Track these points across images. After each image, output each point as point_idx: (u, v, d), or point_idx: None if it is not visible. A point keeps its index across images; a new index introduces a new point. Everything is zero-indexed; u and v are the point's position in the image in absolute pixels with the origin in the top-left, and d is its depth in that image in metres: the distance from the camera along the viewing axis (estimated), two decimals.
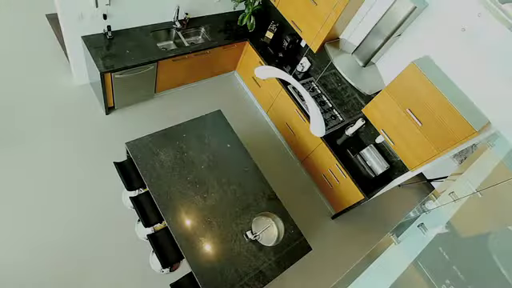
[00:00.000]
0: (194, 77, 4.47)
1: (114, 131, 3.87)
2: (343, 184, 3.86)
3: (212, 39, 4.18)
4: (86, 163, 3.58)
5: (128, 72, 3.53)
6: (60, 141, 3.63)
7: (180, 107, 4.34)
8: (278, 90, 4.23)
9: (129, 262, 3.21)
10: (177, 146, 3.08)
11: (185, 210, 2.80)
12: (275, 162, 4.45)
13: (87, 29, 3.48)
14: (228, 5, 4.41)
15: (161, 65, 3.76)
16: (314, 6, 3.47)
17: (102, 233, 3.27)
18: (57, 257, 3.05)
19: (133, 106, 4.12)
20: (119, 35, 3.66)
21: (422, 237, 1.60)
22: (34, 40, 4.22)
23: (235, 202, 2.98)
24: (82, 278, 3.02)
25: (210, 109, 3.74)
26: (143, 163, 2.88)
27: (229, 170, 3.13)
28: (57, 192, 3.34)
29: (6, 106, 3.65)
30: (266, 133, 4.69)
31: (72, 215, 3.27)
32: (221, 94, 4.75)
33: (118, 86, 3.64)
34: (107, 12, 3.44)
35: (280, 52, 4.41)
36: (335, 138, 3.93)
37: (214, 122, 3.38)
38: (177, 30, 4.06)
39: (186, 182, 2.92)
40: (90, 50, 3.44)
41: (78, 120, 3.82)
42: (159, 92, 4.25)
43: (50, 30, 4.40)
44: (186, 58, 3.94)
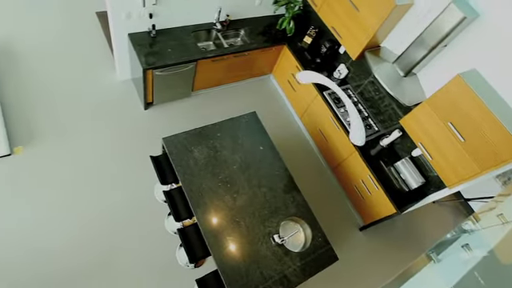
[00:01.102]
0: (231, 78, 4.54)
1: (151, 126, 4.01)
2: (375, 196, 3.76)
3: (251, 41, 4.23)
4: (122, 155, 3.74)
5: (168, 70, 3.65)
6: (101, 132, 3.81)
7: (215, 107, 4.42)
8: (313, 95, 4.20)
9: (156, 254, 3.31)
10: (211, 144, 3.13)
11: (214, 207, 2.84)
12: (305, 168, 4.41)
13: (133, 27, 3.64)
14: (268, 8, 4.44)
15: (200, 64, 3.85)
16: (357, 13, 3.43)
17: (133, 223, 3.40)
18: (89, 244, 3.20)
19: (170, 102, 4.25)
20: (162, 34, 3.79)
21: (465, 258, 1.52)
22: (83, 35, 4.47)
23: (264, 205, 2.99)
24: (110, 265, 3.15)
25: (244, 110, 3.78)
26: (178, 159, 2.95)
27: (260, 171, 3.15)
28: (94, 180, 3.51)
29: (54, 97, 3.89)
30: (298, 137, 4.66)
31: (106, 204, 3.42)
32: (255, 96, 4.79)
33: (158, 83, 3.76)
34: (153, 11, 3.58)
35: (317, 57, 4.38)
36: (369, 148, 3.84)
37: (249, 124, 3.41)
38: (217, 31, 4.14)
39: (217, 180, 2.96)
40: (135, 47, 3.59)
41: (118, 114, 3.99)
42: (196, 91, 4.35)
43: (99, 26, 4.64)
44: (224, 58, 4.01)
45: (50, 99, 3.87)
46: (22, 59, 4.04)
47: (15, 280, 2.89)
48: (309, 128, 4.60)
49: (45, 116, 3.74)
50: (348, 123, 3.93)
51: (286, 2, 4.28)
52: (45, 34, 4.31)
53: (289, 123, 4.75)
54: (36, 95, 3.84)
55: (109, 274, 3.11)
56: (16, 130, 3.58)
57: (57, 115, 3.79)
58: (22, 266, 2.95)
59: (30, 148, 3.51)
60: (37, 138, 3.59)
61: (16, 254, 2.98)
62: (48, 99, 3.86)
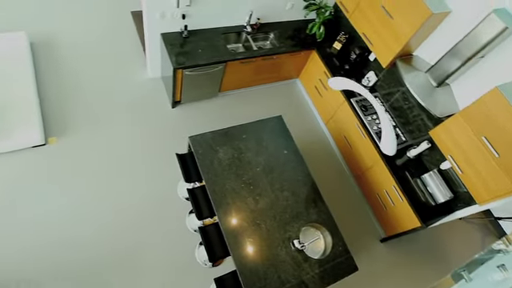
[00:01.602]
0: (258, 80, 4.56)
1: (178, 124, 4.10)
2: (399, 207, 3.66)
3: (280, 45, 4.24)
4: (149, 150, 3.84)
5: (198, 70, 3.72)
6: (130, 127, 3.93)
7: (241, 108, 4.46)
8: (340, 101, 4.15)
9: (176, 250, 3.36)
10: (236, 145, 3.16)
11: (236, 208, 2.86)
12: (328, 174, 4.36)
13: (166, 27, 3.73)
14: (299, 13, 4.44)
15: (229, 66, 3.90)
16: (390, 20, 3.37)
17: (156, 217, 3.47)
18: (114, 234, 3.29)
19: (197, 102, 4.33)
20: (193, 35, 3.86)
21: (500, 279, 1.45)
22: (118, 34, 4.63)
23: (286, 209, 2.98)
24: (133, 256, 3.23)
25: (269, 113, 3.79)
26: (203, 158, 3.00)
27: (283, 175, 3.14)
28: (121, 173, 3.63)
29: (88, 91, 4.05)
30: (322, 143, 4.62)
31: (131, 196, 3.52)
32: (281, 100, 4.79)
33: (187, 83, 3.84)
34: (186, 12, 3.66)
35: (346, 64, 4.33)
36: (395, 158, 3.75)
37: (274, 127, 3.41)
38: (247, 33, 4.18)
39: (240, 181, 2.98)
40: (167, 47, 3.68)
41: (147, 110, 4.10)
42: (223, 92, 4.40)
43: (133, 25, 4.79)
44: (253, 61, 4.04)
45: (84, 93, 4.03)
46: (62, 54, 4.23)
47: (45, 265, 3.01)
48: (333, 134, 4.55)
49: (78, 109, 3.90)
50: (375, 131, 3.86)
51: (317, 7, 4.26)
52: (83, 31, 4.50)
53: (313, 128, 4.72)
54: (71, 89, 4.01)
55: (130, 265, 3.19)
56: (51, 121, 3.75)
57: (89, 108, 3.94)
58: (51, 253, 3.08)
59: (63, 139, 3.67)
60: (70, 129, 3.75)
61: (47, 241, 3.12)
62: (82, 93, 4.02)
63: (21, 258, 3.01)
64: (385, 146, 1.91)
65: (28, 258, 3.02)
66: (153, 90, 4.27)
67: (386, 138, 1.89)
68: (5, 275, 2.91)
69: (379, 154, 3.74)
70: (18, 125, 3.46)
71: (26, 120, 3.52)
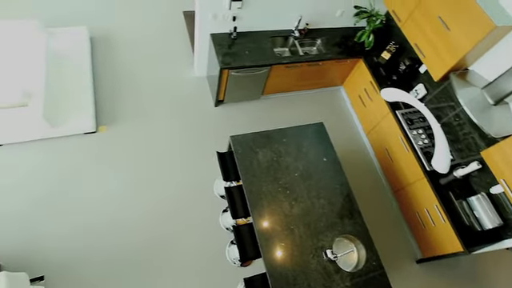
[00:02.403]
0: (301, 86, 4.55)
1: (220, 123, 4.19)
2: (440, 228, 3.48)
3: (326, 51, 4.20)
4: (190, 145, 3.96)
5: (243, 71, 3.78)
6: (174, 122, 4.08)
7: (282, 112, 4.47)
8: (384, 113, 4.03)
9: (207, 245, 3.43)
10: (275, 148, 3.17)
11: (271, 211, 2.86)
12: (365, 185, 4.24)
13: (216, 27, 3.83)
14: (349, 20, 4.38)
15: (274, 69, 3.93)
16: (447, 32, 3.22)
17: (191, 211, 3.57)
18: (150, 223, 3.43)
19: (239, 103, 4.40)
20: (242, 37, 3.93)
21: None
22: (169, 32, 4.83)
23: (321, 217, 2.94)
24: (167, 246, 3.35)
25: (310, 119, 3.77)
26: (242, 158, 3.04)
27: (320, 183, 3.10)
28: (163, 164, 3.78)
29: (137, 84, 4.26)
30: (362, 153, 4.51)
31: (170, 187, 3.66)
32: (323, 106, 4.74)
33: (232, 83, 3.91)
34: (237, 14, 3.74)
35: (394, 75, 4.19)
36: (439, 177, 3.57)
37: (316, 134, 3.38)
38: (294, 38, 4.18)
39: (277, 185, 2.98)
40: (215, 47, 3.77)
41: (191, 107, 4.24)
42: (265, 94, 4.43)
43: (184, 24, 4.97)
44: (298, 66, 4.04)
45: (134, 86, 4.24)
46: (117, 49, 4.50)
47: (89, 244, 3.21)
48: (374, 145, 4.42)
49: (127, 101, 4.11)
50: (419, 147, 3.70)
51: (368, 15, 4.18)
52: (138, 28, 4.75)
53: (353, 137, 4.62)
54: (123, 82, 4.25)
55: (164, 254, 3.31)
56: (102, 110, 3.99)
57: (138, 101, 4.14)
58: (95, 232, 3.27)
59: (112, 128, 3.89)
60: (118, 119, 3.96)
61: (92, 220, 3.33)
62: (132, 86, 4.24)
63: (70, 233, 3.23)
64: (437, 162, 1.82)
65: (75, 234, 3.23)
66: (198, 88, 4.40)
67: (440, 154, 1.80)
68: (51, 250, 3.14)
69: (423, 170, 3.58)
70: (73, 112, 3.71)
71: (81, 108, 3.76)
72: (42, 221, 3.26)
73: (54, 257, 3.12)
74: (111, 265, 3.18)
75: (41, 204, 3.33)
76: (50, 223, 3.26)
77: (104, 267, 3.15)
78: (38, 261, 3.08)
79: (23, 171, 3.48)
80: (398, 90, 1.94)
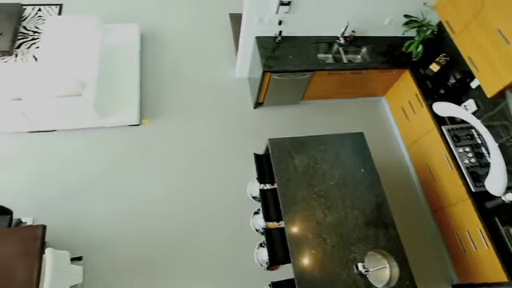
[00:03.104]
0: (342, 93, 4.48)
1: (258, 125, 4.24)
2: (481, 254, 3.27)
3: (371, 60, 4.11)
4: (226, 144, 4.04)
5: (286, 75, 3.79)
6: (213, 120, 4.19)
7: (321, 119, 4.43)
8: (429, 127, 3.86)
9: (235, 244, 3.47)
10: (312, 155, 3.14)
11: (304, 218, 2.84)
12: (402, 200, 4.09)
13: (262, 31, 3.87)
14: (397, 29, 4.25)
15: (316, 75, 3.90)
16: (506, 46, 3.03)
17: (223, 209, 3.63)
18: (182, 215, 3.53)
19: (278, 106, 4.41)
20: (286, 41, 3.94)
21: None
22: (215, 32, 4.96)
23: (354, 228, 2.87)
24: (197, 238, 3.44)
25: (348, 128, 3.69)
26: (279, 162, 3.04)
27: (356, 194, 3.03)
28: (199, 160, 3.90)
29: (181, 81, 4.41)
30: (400, 167, 4.35)
31: (204, 183, 3.77)
32: (362, 116, 4.63)
33: (273, 86, 3.94)
34: (283, 19, 3.76)
35: (442, 88, 4.00)
36: (485, 199, 3.35)
37: (355, 143, 3.31)
38: (339, 45, 4.13)
39: (312, 192, 2.95)
40: (259, 50, 3.81)
41: (231, 107, 4.32)
42: (305, 100, 4.41)
43: (229, 26, 5.07)
44: (341, 73, 3.98)
45: (178, 83, 4.40)
46: (164, 46, 4.69)
47: (124, 229, 3.37)
48: (414, 160, 4.24)
49: (170, 97, 4.28)
50: (465, 166, 3.50)
51: (419, 24, 4.04)
52: (185, 27, 4.93)
53: (392, 150, 4.47)
54: (168, 78, 4.42)
55: (192, 247, 3.40)
56: (146, 104, 4.17)
57: (180, 98, 4.29)
58: (130, 218, 3.43)
59: (154, 122, 4.06)
60: (161, 114, 4.13)
61: (128, 206, 3.51)
62: (176, 83, 4.39)
63: (107, 217, 3.40)
64: (492, 183, 1.72)
65: (112, 219, 3.40)
66: (238, 89, 4.47)
67: (496, 175, 1.70)
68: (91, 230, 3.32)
69: (467, 190, 3.38)
70: (120, 104, 3.91)
71: (128, 101, 3.96)
72: (83, 203, 3.47)
73: (92, 239, 3.30)
74: (143, 250, 3.32)
75: (83, 187, 3.55)
76: (90, 206, 3.46)
77: (136, 252, 3.30)
78: (78, 241, 3.28)
79: (70, 156, 3.72)
80: (452, 105, 1.86)
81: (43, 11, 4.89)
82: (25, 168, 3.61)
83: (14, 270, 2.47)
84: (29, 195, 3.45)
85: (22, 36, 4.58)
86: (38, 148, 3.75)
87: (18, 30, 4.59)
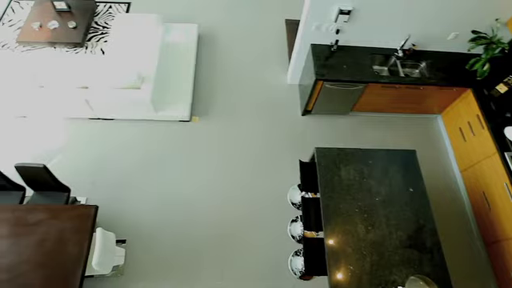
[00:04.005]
0: (394, 108, 4.31)
1: (304, 132, 4.22)
2: None
3: (430, 76, 3.91)
4: (272, 149, 4.07)
5: (338, 85, 3.73)
6: (260, 123, 4.25)
7: (369, 132, 4.30)
8: (489, 152, 3.59)
9: (269, 249, 3.46)
10: (359, 168, 3.06)
11: (345, 231, 2.76)
12: (451, 227, 3.83)
13: (318, 39, 3.85)
14: (462, 45, 4.01)
15: (369, 87, 3.80)
16: None
17: (260, 212, 3.65)
18: (218, 213, 3.61)
19: (326, 115, 4.36)
20: (342, 50, 3.89)
21: None
22: (269, 37, 5.03)
23: (397, 250, 2.74)
24: (227, 238, 3.48)
25: (397, 144, 3.54)
26: (324, 171, 3.00)
27: (402, 214, 2.90)
28: (243, 161, 3.96)
29: (232, 82, 4.53)
30: (451, 192, 4.08)
31: (247, 184, 3.82)
32: (414, 134, 4.42)
33: (323, 95, 3.90)
34: (341, 28, 3.71)
35: (508, 111, 3.71)
36: None
37: (405, 161, 3.17)
38: (397, 58, 3.99)
39: (355, 206, 2.87)
40: (314, 57, 3.80)
41: (279, 112, 4.35)
42: (354, 111, 4.31)
43: (284, 32, 5.11)
44: (396, 87, 3.84)
45: (229, 84, 4.52)
46: (219, 46, 4.86)
47: (166, 218, 3.52)
48: (468, 186, 3.96)
49: (221, 97, 4.41)
50: None
51: (488, 41, 3.78)
52: (241, 30, 5.06)
53: (444, 172, 4.21)
54: (219, 78, 4.56)
55: (227, 246, 3.45)
56: (198, 102, 4.33)
57: (230, 98, 4.41)
58: (172, 209, 3.58)
59: (203, 119, 4.20)
60: (210, 113, 4.26)
61: (171, 197, 3.66)
62: (227, 83, 4.52)
63: (151, 206, 3.57)
64: None
65: (156, 207, 3.56)
66: (287, 95, 4.49)
67: None
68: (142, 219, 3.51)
69: None
70: (174, 100, 4.10)
71: (181, 98, 4.13)
72: (131, 190, 3.68)
73: (136, 225, 3.48)
74: (181, 242, 3.44)
75: (133, 175, 3.76)
76: (138, 194, 3.66)
77: (175, 242, 3.42)
78: (123, 225, 3.47)
79: (124, 144, 3.97)
80: None
81: (113, 8, 5.28)
82: (84, 151, 3.91)
83: (67, 244, 2.67)
84: (85, 176, 3.73)
85: (93, 30, 4.97)
86: (97, 134, 4.04)
87: (90, 24, 4.99)
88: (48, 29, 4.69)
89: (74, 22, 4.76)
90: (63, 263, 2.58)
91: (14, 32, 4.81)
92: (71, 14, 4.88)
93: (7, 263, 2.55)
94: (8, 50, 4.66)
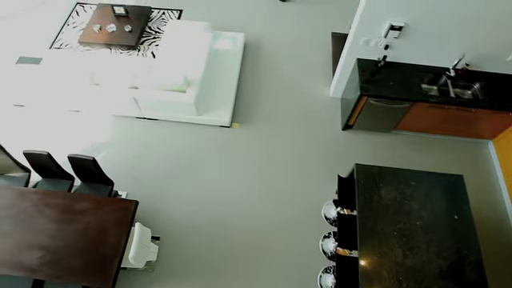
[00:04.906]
0: (441, 129, 4.11)
1: (343, 147, 4.14)
2: None
3: (483, 98, 3.70)
4: (309, 161, 4.03)
5: (383, 101, 3.64)
6: (298, 134, 4.24)
7: (412, 153, 4.13)
8: None
9: (300, 263, 3.40)
10: (401, 189, 2.94)
11: (381, 253, 2.66)
12: (498, 264, 3.54)
13: (365, 53, 3.80)
14: None
15: (416, 106, 3.66)
16: None
17: (293, 224, 3.61)
18: (250, 220, 3.61)
19: (368, 132, 4.25)
20: (389, 66, 3.80)
21: None
22: (314, 49, 5.04)
23: (437, 280, 2.58)
24: (264, 247, 3.47)
25: (443, 167, 3.37)
26: (363, 189, 2.92)
27: (445, 242, 2.73)
28: (280, 170, 3.97)
29: (274, 92, 4.57)
30: (501, 224, 3.79)
31: (281, 193, 3.80)
32: (461, 158, 4.18)
33: (367, 111, 3.81)
34: (390, 44, 3.63)
35: None
36: None
37: (451, 186, 3.00)
38: (448, 77, 3.82)
39: (394, 228, 2.76)
40: (359, 72, 3.74)
41: (318, 125, 4.31)
42: (397, 129, 4.17)
43: (329, 45, 5.09)
44: (444, 108, 3.67)
45: (271, 93, 4.57)
46: (264, 56, 4.94)
47: (200, 220, 3.59)
48: None
49: (262, 105, 4.46)
50: None
51: None
52: (286, 40, 5.13)
53: (493, 202, 3.92)
54: (262, 87, 4.62)
55: (257, 254, 3.44)
56: (239, 108, 4.41)
57: (271, 107, 4.45)
58: (206, 210, 3.65)
59: (244, 126, 4.28)
60: (251, 120, 4.33)
61: (206, 199, 3.74)
62: (269, 92, 4.57)
63: (187, 206, 3.66)
64: None
65: (191, 207, 3.65)
66: (329, 108, 4.44)
67: None
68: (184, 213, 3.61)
69: None
70: (216, 106, 4.20)
71: (223, 104, 4.23)
72: (168, 189, 3.80)
73: (171, 223, 3.58)
74: (213, 244, 3.48)
75: (171, 175, 3.90)
76: (174, 193, 3.78)
77: (206, 244, 3.47)
78: (158, 222, 3.59)
79: (166, 144, 4.13)
80: None
81: (166, 15, 5.55)
82: (128, 148, 4.11)
83: (107, 234, 2.81)
84: (127, 172, 3.91)
85: (146, 34, 5.26)
86: (141, 133, 4.24)
87: (144, 28, 5.28)
88: (106, 31, 5.02)
89: (129, 26, 5.06)
90: (102, 252, 2.71)
91: (76, 33, 5.21)
92: (128, 19, 5.20)
93: (55, 245, 2.73)
94: (70, 50, 5.04)
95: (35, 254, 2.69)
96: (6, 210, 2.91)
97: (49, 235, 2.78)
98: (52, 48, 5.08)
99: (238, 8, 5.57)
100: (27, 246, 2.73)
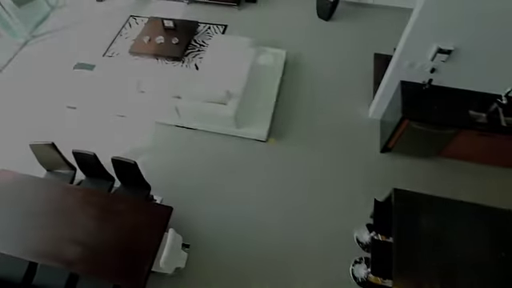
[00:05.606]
0: (489, 159, 3.87)
1: (381, 170, 4.01)
2: None
3: None
4: (344, 182, 3.95)
5: (426, 126, 3.51)
6: (335, 155, 4.17)
7: (456, 182, 3.88)
8: None
9: (326, 284, 3.29)
10: (442, 220, 2.78)
11: (417, 285, 2.51)
12: None
13: (409, 76, 3.70)
14: None
15: (462, 133, 3.49)
16: None
17: (323, 245, 3.52)
18: (279, 237, 3.57)
19: (408, 156, 4.08)
20: (434, 90, 3.67)
21: None
22: (355, 69, 5.00)
23: None
24: (284, 262, 3.41)
25: (488, 200, 3.13)
26: (401, 216, 2.80)
27: (489, 280, 2.53)
28: (313, 189, 3.91)
29: (311, 109, 4.57)
30: None
31: (313, 212, 3.74)
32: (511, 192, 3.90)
33: (408, 134, 3.68)
34: (437, 67, 3.52)
35: None
36: None
37: (499, 221, 2.80)
38: (499, 105, 3.61)
39: (432, 260, 2.61)
40: (402, 94, 3.64)
41: (356, 146, 4.22)
42: (441, 156, 3.98)
43: (371, 65, 5.01)
44: (494, 136, 3.46)
45: (309, 111, 4.56)
46: (304, 73, 4.98)
47: (228, 232, 3.62)
48: None
49: (300, 123, 4.46)
50: None
51: None
52: (327, 59, 5.15)
53: None
54: (300, 104, 4.64)
55: (285, 269, 3.39)
56: (276, 124, 4.43)
57: (308, 125, 4.44)
58: (236, 221, 3.68)
59: (280, 142, 4.30)
60: (287, 136, 4.35)
61: (236, 211, 3.77)
62: (307, 110, 4.57)
63: (217, 216, 3.71)
64: None
65: (220, 218, 3.69)
66: (368, 129, 4.35)
67: None
68: None
69: None
70: (254, 120, 4.26)
71: (261, 118, 4.29)
72: (201, 198, 3.88)
73: (201, 232, 3.63)
74: (241, 256, 3.48)
75: (204, 184, 3.99)
76: (207, 203, 3.84)
77: (235, 256, 3.48)
78: (189, 230, 3.64)
79: (201, 154, 4.24)
80: None
81: (211, 29, 5.78)
82: (165, 155, 4.26)
83: (141, 237, 2.90)
84: (163, 178, 4.03)
85: (191, 47, 5.49)
86: (179, 141, 4.38)
87: (190, 41, 5.52)
88: (155, 43, 5.31)
89: (177, 39, 5.32)
90: (136, 254, 2.80)
91: (128, 43, 5.55)
92: (176, 32, 5.47)
93: (92, 242, 2.86)
94: (121, 58, 5.37)
95: (74, 249, 2.83)
96: (52, 203, 3.10)
97: (87, 232, 2.92)
98: (105, 56, 5.44)
99: (282, 25, 5.68)
100: (67, 240, 2.88)
